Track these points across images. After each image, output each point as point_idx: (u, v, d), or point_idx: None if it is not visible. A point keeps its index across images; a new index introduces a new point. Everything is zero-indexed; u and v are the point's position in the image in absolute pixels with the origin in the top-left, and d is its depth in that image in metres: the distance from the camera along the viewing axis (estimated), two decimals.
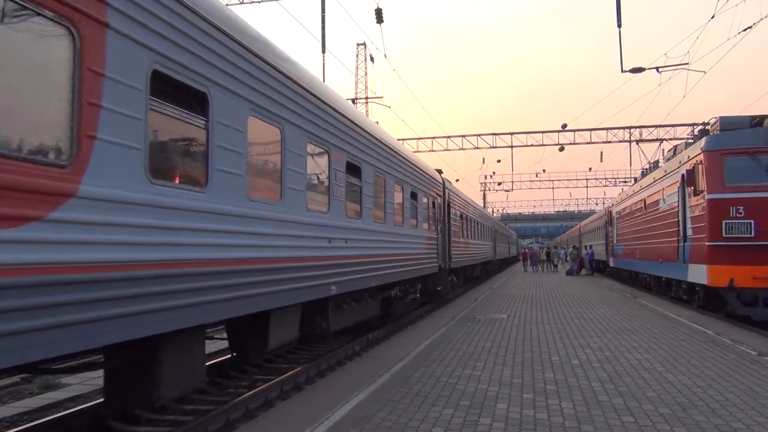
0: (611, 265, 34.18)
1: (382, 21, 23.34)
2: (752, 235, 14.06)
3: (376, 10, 23.27)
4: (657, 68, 24.64)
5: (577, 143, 40.46)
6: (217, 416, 7.16)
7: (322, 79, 15.21)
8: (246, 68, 6.90)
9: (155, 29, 5.31)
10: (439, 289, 19.82)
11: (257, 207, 7.09)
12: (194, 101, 5.97)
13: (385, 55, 28.91)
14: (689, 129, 35.38)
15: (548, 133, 41.06)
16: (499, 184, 68.30)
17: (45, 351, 4.14)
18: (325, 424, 5.86)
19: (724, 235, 14.31)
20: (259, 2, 23.48)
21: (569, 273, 38.92)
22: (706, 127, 18.22)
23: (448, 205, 21.44)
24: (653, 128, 38.09)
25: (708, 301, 16.00)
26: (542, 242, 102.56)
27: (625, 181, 58.21)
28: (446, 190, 21.14)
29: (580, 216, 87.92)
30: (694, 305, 17.13)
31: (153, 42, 5.28)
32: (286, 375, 9.24)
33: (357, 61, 44.89)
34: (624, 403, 6.54)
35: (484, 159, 69.50)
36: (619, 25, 21.94)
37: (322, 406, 6.59)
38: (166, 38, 5.47)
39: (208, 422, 6.93)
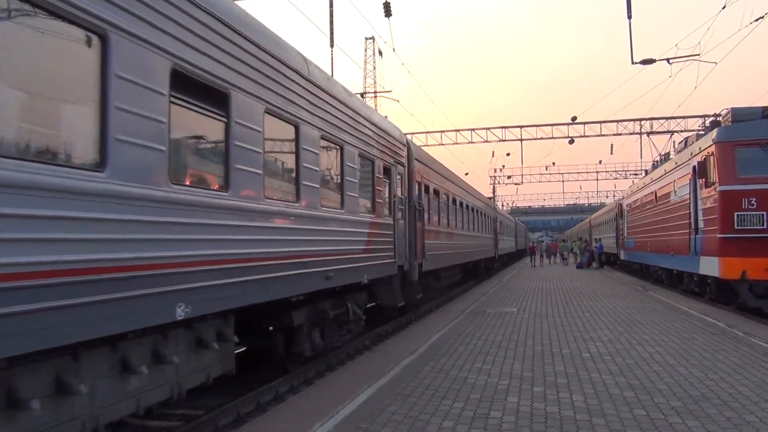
0: (622, 258, 34.01)
1: (391, 15, 23.26)
2: (764, 227, 13.94)
3: (384, 3, 23.19)
4: (668, 59, 24.40)
5: (587, 136, 40.15)
6: (228, 410, 7.19)
7: (330, 74, 14.32)
8: None
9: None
10: (400, 305, 14.01)
11: None
12: None
13: (394, 49, 28.85)
14: (700, 120, 35.04)
15: (558, 126, 40.79)
16: (509, 177, 68.07)
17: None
18: (336, 418, 5.88)
19: (736, 227, 14.20)
20: None
21: (579, 266, 38.76)
22: (718, 119, 18.03)
23: (418, 180, 15.24)
24: (664, 120, 37.76)
25: (720, 293, 15.89)
26: (552, 235, 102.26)
27: (636, 174, 57.82)
28: (411, 157, 14.62)
29: (591, 209, 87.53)
30: (705, 298, 17.01)
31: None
32: (297, 370, 9.26)
33: (365, 55, 44.79)
34: (635, 396, 6.51)
35: (493, 152, 69.51)
36: (630, 17, 21.73)
37: (333, 400, 6.60)
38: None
39: (219, 416, 6.96)
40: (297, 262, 7.90)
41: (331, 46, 23.92)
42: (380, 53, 41.99)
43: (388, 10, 23.22)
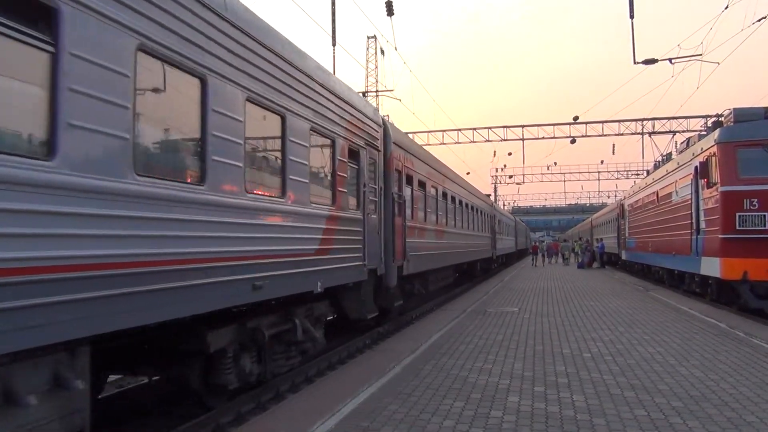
0: (623, 258, 33.99)
1: (393, 13, 23.25)
2: (766, 227, 13.91)
3: (386, 2, 23.18)
4: (670, 59, 24.37)
5: (588, 135, 40.16)
6: (229, 409, 7.20)
7: (332, 72, 13.67)
8: None
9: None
10: (371, 316, 11.61)
11: None
12: None
13: (396, 48, 28.91)
14: (702, 121, 35.00)
15: (560, 126, 40.82)
16: (510, 177, 68.14)
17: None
18: (337, 417, 5.88)
19: (737, 227, 14.18)
20: None
21: (580, 266, 38.74)
22: (720, 119, 18.02)
23: (398, 169, 13.30)
24: (666, 120, 37.76)
25: (721, 294, 15.88)
26: (553, 235, 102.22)
27: (638, 174, 57.78)
28: (389, 142, 12.62)
29: (592, 209, 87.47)
30: (707, 298, 16.99)
31: None
32: (298, 368, 9.26)
33: (367, 54, 44.78)
34: (636, 396, 6.51)
35: (495, 152, 69.42)
36: (632, 16, 21.72)
37: (333, 398, 6.60)
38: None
39: (220, 415, 6.97)
40: (200, 268, 5.74)
41: (333, 44, 23.90)
42: (382, 52, 41.93)
43: (390, 9, 23.21)
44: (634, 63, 24.28)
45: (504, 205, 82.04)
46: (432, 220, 17.04)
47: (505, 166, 67.52)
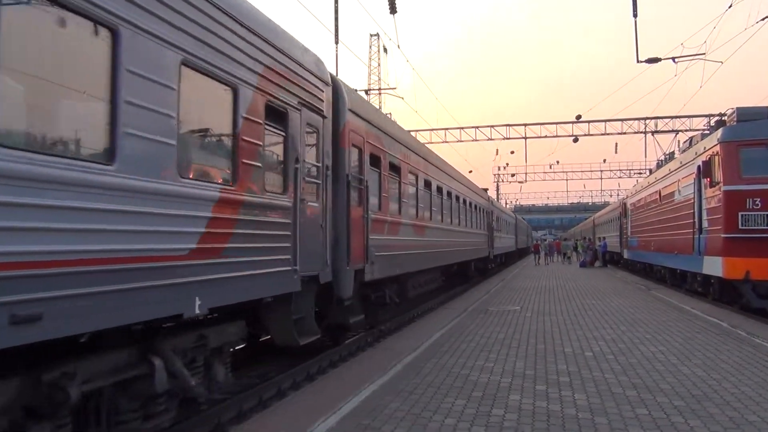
0: (625, 257, 33.97)
1: (396, 11, 23.19)
2: None
3: (389, 0, 23.14)
4: (673, 58, 24.37)
5: (591, 134, 40.13)
6: (231, 406, 7.21)
7: (335, 71, 12.79)
8: None
9: None
10: (305, 342, 8.34)
11: None
12: None
13: (399, 46, 28.82)
14: (705, 120, 34.95)
15: (562, 125, 40.80)
16: (513, 175, 68.07)
17: None
18: (338, 414, 5.88)
19: (740, 227, 14.16)
20: None
21: (583, 265, 38.72)
22: (723, 118, 17.99)
23: (358, 146, 10.45)
24: (669, 119, 37.72)
25: (723, 293, 15.86)
26: (555, 234, 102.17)
27: (640, 173, 57.79)
28: (343, 108, 9.75)
29: (594, 208, 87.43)
30: (709, 297, 16.98)
31: None
32: (299, 366, 9.27)
33: (370, 52, 44.81)
34: (638, 395, 6.51)
35: (497, 151, 69.36)
36: (635, 15, 21.72)
37: (335, 396, 6.61)
38: None
39: (222, 412, 6.98)
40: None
41: (336, 42, 23.88)
42: (385, 50, 42.00)
43: (393, 7, 23.16)
44: (638, 62, 24.30)
45: (506, 203, 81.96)
46: (410, 214, 14.21)
47: (507, 164, 67.19)
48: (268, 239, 7.10)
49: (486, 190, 33.63)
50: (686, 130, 34.72)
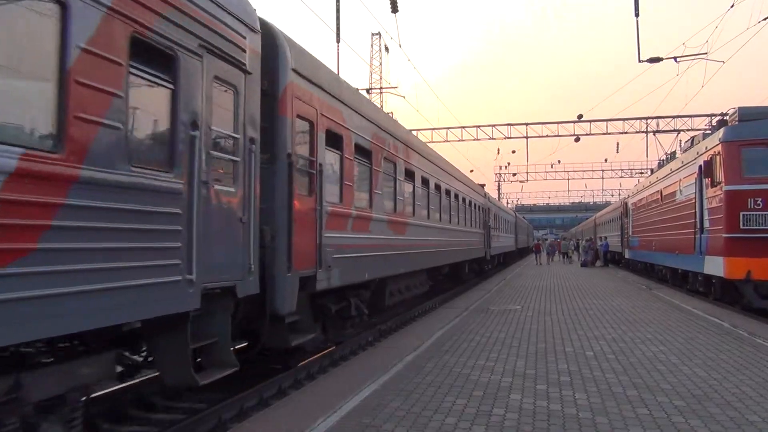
0: (626, 256, 33.96)
1: (397, 10, 23.21)
2: None
3: None
4: (675, 58, 24.32)
5: (593, 134, 40.09)
6: (232, 404, 7.22)
7: (336, 70, 12.26)
8: None
9: None
10: (205, 382, 6.02)
11: None
12: None
13: (400, 45, 28.82)
14: (707, 120, 34.90)
15: (564, 124, 40.77)
16: (514, 175, 67.97)
17: None
18: (339, 413, 5.89)
19: (741, 226, 14.16)
20: None
21: (584, 264, 38.71)
22: (725, 118, 17.99)
23: (308, 117, 8.39)
24: (670, 119, 37.67)
25: (724, 293, 15.86)
26: (557, 233, 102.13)
27: (642, 173, 57.75)
28: (283, 66, 7.70)
29: (596, 207, 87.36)
30: (710, 297, 16.98)
31: None
32: (300, 364, 9.29)
33: (371, 51, 44.76)
34: (639, 395, 6.51)
35: (498, 150, 69.25)
36: (637, 14, 21.68)
37: (336, 395, 6.62)
38: None
39: (223, 410, 6.99)
40: None
41: (338, 41, 23.91)
42: (387, 49, 41.98)
43: (394, 6, 23.17)
44: (639, 61, 24.22)
45: (508, 203, 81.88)
46: (386, 208, 12.15)
47: (508, 164, 67.06)
48: (133, 236, 4.87)
49: (483, 186, 32.03)
50: (688, 130, 34.69)
